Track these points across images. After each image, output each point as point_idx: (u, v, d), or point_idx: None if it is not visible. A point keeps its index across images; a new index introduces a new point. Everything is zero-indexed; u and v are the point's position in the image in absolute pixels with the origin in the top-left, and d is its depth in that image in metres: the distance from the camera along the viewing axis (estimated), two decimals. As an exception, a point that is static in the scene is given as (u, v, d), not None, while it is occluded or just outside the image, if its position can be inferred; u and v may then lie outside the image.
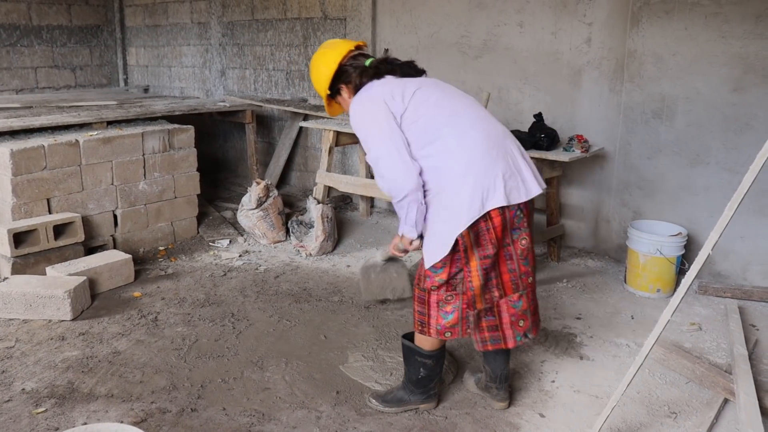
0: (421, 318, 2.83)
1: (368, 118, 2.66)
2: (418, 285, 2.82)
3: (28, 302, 3.94)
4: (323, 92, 2.90)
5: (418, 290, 2.82)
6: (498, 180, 2.57)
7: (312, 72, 2.92)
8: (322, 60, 2.86)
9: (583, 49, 4.91)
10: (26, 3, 8.24)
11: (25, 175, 4.54)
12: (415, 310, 2.85)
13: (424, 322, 2.82)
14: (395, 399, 3.04)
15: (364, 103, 2.70)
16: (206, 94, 8.06)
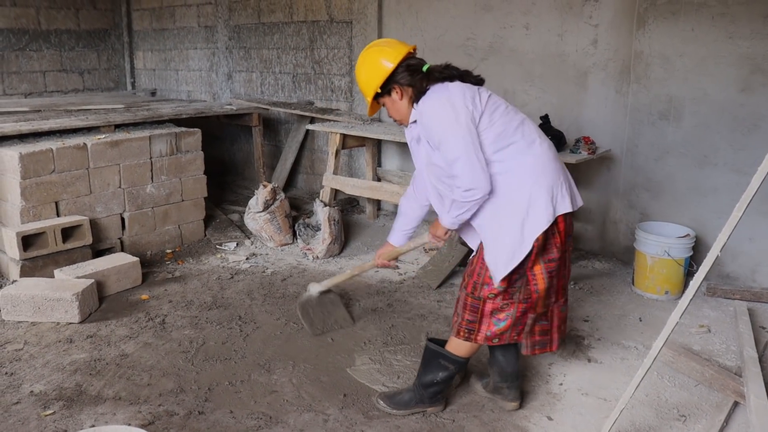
0: (471, 326, 2.84)
1: (448, 119, 2.63)
2: (472, 293, 2.81)
3: (36, 305, 3.96)
4: (373, 90, 2.82)
5: (471, 298, 2.81)
6: (564, 187, 2.70)
7: (365, 68, 2.83)
8: (380, 56, 2.80)
9: (589, 50, 4.90)
10: (35, 8, 8.29)
11: (33, 179, 4.56)
12: (464, 319, 2.84)
13: (473, 329, 2.84)
14: (403, 401, 3.04)
15: (444, 104, 2.66)
16: (213, 97, 8.08)
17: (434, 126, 2.67)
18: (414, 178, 3.14)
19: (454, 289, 4.52)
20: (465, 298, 2.84)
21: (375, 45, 2.89)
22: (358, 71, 2.88)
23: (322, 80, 6.76)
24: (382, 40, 2.94)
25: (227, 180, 7.67)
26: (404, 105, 2.83)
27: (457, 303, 2.92)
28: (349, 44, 6.40)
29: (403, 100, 2.82)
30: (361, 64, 2.86)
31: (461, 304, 2.87)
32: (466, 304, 2.83)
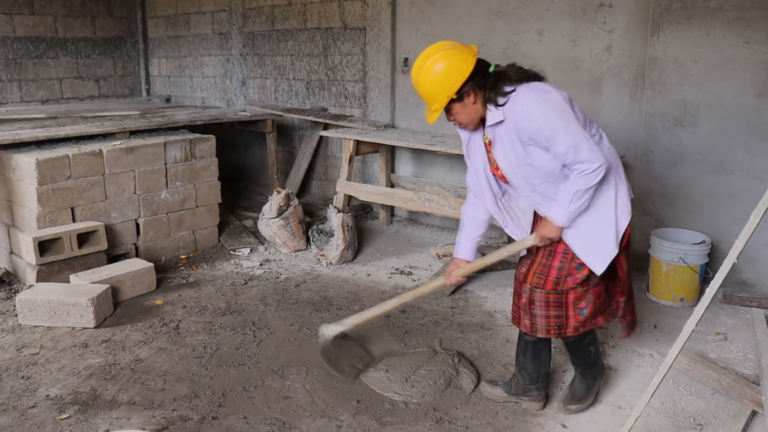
0: (559, 321, 2.91)
1: (554, 113, 2.63)
2: (554, 289, 2.87)
3: (52, 309, 3.99)
4: (448, 96, 2.69)
5: (554, 294, 2.87)
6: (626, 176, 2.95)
7: (438, 74, 2.68)
8: (454, 61, 2.69)
9: (603, 56, 4.89)
10: (52, 16, 8.38)
11: (50, 185, 4.60)
12: (551, 316, 2.90)
13: (562, 324, 2.92)
14: (587, 391, 3.13)
15: (544, 101, 2.65)
16: (227, 103, 8.13)
17: (542, 123, 2.62)
18: (473, 183, 3.02)
19: (467, 295, 4.51)
20: (545, 297, 2.88)
21: (443, 49, 2.72)
22: (426, 78, 2.71)
23: (336, 87, 6.79)
24: (445, 43, 2.76)
25: (241, 186, 7.70)
26: (476, 108, 2.76)
27: (530, 306, 2.92)
28: (363, 51, 6.42)
29: (476, 104, 2.75)
30: (430, 70, 2.70)
31: (541, 304, 2.89)
32: (549, 302, 2.88)
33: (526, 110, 2.64)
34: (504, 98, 2.69)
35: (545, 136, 2.62)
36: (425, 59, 2.72)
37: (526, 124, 2.64)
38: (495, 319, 4.11)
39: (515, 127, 2.68)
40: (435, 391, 3.23)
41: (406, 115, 6.25)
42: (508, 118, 2.69)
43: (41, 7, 8.25)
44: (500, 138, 2.77)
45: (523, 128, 2.66)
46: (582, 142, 2.60)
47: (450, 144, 5.18)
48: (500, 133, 2.76)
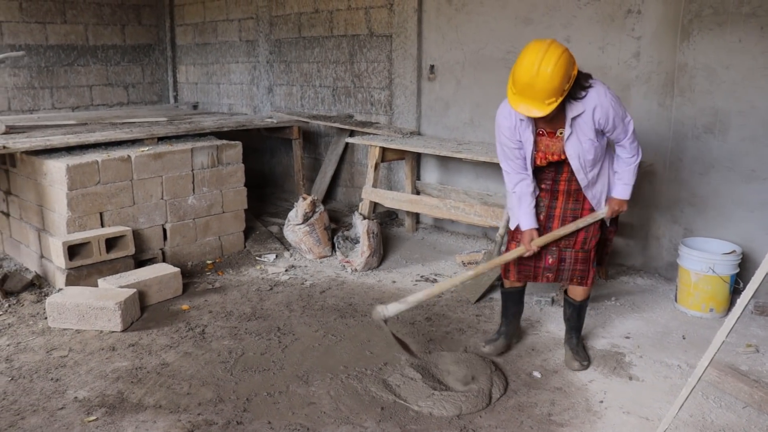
0: (583, 273, 3.54)
1: (621, 104, 3.26)
2: (582, 248, 3.47)
3: (81, 313, 4.03)
4: (566, 90, 3.04)
5: (582, 252, 3.48)
6: None
7: (560, 69, 2.97)
8: (569, 57, 3.03)
9: (631, 63, 4.85)
10: (83, 24, 8.52)
11: (79, 190, 4.66)
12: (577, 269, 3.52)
13: (585, 276, 3.55)
14: (585, 352, 3.69)
15: (614, 94, 3.22)
16: (254, 110, 8.19)
17: (618, 111, 3.20)
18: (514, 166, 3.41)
19: (493, 303, 4.48)
20: (575, 255, 3.49)
21: (559, 46, 3.02)
22: (555, 72, 2.96)
23: (362, 93, 6.80)
24: (553, 41, 3.05)
25: (267, 192, 7.75)
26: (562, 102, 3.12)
27: (559, 264, 3.52)
28: (389, 58, 6.43)
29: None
30: (560, 65, 2.96)
31: (571, 261, 3.50)
32: (578, 259, 3.49)
33: (611, 102, 3.17)
34: (583, 93, 3.14)
35: (615, 122, 3.20)
36: (554, 57, 2.97)
37: (611, 114, 3.17)
38: (520, 327, 4.08)
39: (596, 116, 3.16)
40: (459, 398, 3.21)
41: (431, 123, 6.25)
42: (587, 109, 3.15)
43: (73, 15, 8.40)
44: (579, 128, 3.20)
45: (606, 118, 3.17)
46: (631, 122, 3.30)
47: (476, 151, 5.16)
48: (579, 123, 3.19)
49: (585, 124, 3.19)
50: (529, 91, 3.02)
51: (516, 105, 3.09)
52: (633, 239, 5.08)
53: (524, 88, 3.03)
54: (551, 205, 3.48)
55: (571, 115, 3.18)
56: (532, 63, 2.98)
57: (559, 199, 3.47)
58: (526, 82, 3.00)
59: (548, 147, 3.33)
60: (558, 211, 3.48)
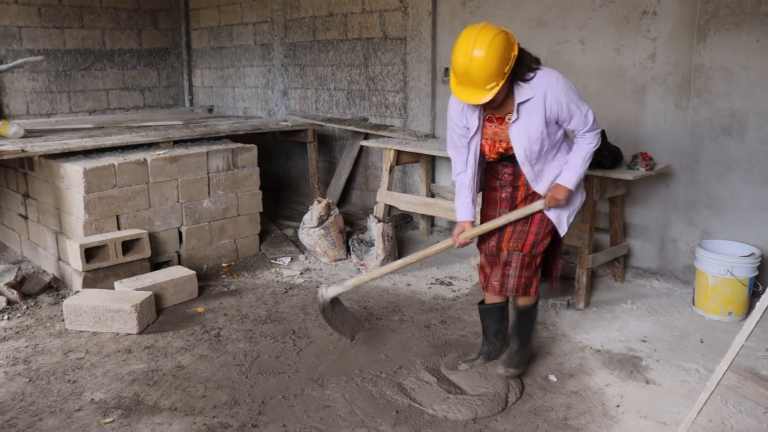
0: (528, 281, 3.34)
1: (575, 90, 3.10)
2: (530, 252, 3.29)
3: (97, 315, 4.06)
4: (506, 73, 2.93)
5: (529, 257, 3.29)
6: None
7: (496, 53, 2.86)
8: (507, 39, 2.92)
9: (647, 65, 4.82)
10: (101, 29, 8.59)
11: (96, 193, 4.70)
12: (522, 276, 3.31)
13: (530, 284, 3.35)
14: (524, 358, 3.48)
15: (567, 80, 3.10)
16: (269, 113, 8.22)
17: (571, 98, 3.05)
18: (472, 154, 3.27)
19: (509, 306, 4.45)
20: (522, 259, 3.28)
21: (494, 29, 2.91)
22: (489, 57, 2.85)
23: (377, 96, 6.81)
24: (488, 24, 2.96)
25: (282, 195, 7.77)
26: (507, 84, 3.02)
27: (504, 268, 3.31)
28: (404, 61, 6.43)
29: (508, 82, 3.01)
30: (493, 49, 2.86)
31: (516, 265, 3.29)
32: (524, 264, 3.29)
33: (563, 87, 3.04)
34: (531, 74, 3.02)
35: (570, 109, 3.06)
36: (485, 41, 2.87)
37: (562, 98, 3.03)
38: (536, 331, 4.06)
39: (548, 102, 3.03)
40: (475, 402, 3.19)
41: (446, 125, 6.23)
42: (537, 95, 3.02)
43: (90, 20, 8.48)
44: (526, 113, 3.06)
45: (557, 102, 3.03)
46: (590, 112, 3.13)
47: (491, 154, 5.14)
48: (527, 108, 3.05)
49: (534, 110, 3.04)
50: (467, 78, 2.93)
51: (458, 94, 3.02)
52: (649, 242, 5.04)
53: (462, 75, 2.95)
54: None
55: (518, 100, 3.05)
56: (464, 49, 2.89)
57: (518, 207, 3.32)
58: (462, 70, 2.92)
59: (496, 134, 3.19)
60: (518, 225, 3.30)
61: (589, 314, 4.34)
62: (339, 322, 3.74)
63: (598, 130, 3.17)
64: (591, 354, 3.77)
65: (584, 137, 3.16)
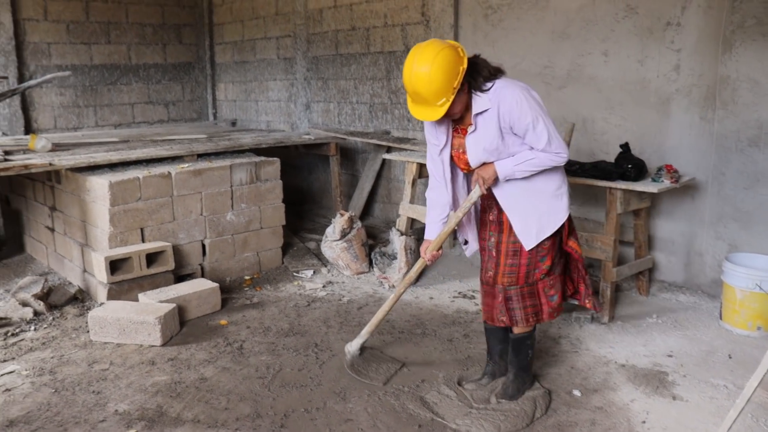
0: (535, 309, 3.23)
1: (537, 105, 2.97)
2: (527, 282, 3.19)
3: (121, 327, 4.09)
4: (454, 89, 2.87)
5: (528, 287, 3.20)
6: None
7: (441, 69, 2.83)
8: (452, 53, 2.86)
9: (671, 76, 4.78)
10: (126, 44, 8.73)
11: (121, 206, 4.75)
12: (528, 306, 3.21)
13: (538, 311, 3.24)
14: (520, 389, 3.35)
15: (526, 94, 2.96)
16: (291, 127, 8.26)
17: (527, 112, 2.92)
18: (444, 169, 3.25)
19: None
20: (520, 291, 3.19)
21: (438, 45, 2.87)
22: (435, 74, 2.82)
23: (399, 110, 6.82)
24: (434, 40, 2.93)
25: (305, 208, 7.80)
26: (466, 97, 2.99)
27: (507, 303, 3.21)
28: (425, 74, 6.43)
29: (465, 92, 2.98)
30: (438, 66, 2.82)
31: (518, 298, 3.20)
32: (524, 294, 3.20)
33: (517, 99, 2.91)
34: (489, 84, 2.97)
35: (526, 124, 2.93)
36: (428, 58, 2.84)
37: (515, 111, 2.92)
38: (560, 345, 4.03)
39: (501, 114, 2.95)
40: (498, 417, 3.16)
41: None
42: (493, 106, 2.95)
43: (117, 36, 8.61)
44: (482, 125, 3.02)
45: (509, 115, 2.93)
46: (554, 135, 2.98)
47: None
48: (483, 119, 3.00)
49: (490, 121, 2.98)
50: (417, 96, 2.93)
51: (414, 112, 3.01)
52: (674, 255, 4.98)
53: (412, 93, 2.95)
54: (499, 240, 3.22)
55: (475, 111, 3.00)
56: (409, 68, 2.89)
57: (504, 232, 3.20)
58: (411, 89, 2.92)
59: (461, 145, 3.15)
60: (503, 246, 3.20)
61: (614, 328, 4.29)
62: (372, 370, 3.66)
63: (556, 154, 2.99)
64: (616, 368, 3.72)
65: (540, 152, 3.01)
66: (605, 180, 4.35)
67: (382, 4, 6.82)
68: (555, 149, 2.98)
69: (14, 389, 3.54)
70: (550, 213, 3.13)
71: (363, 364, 3.70)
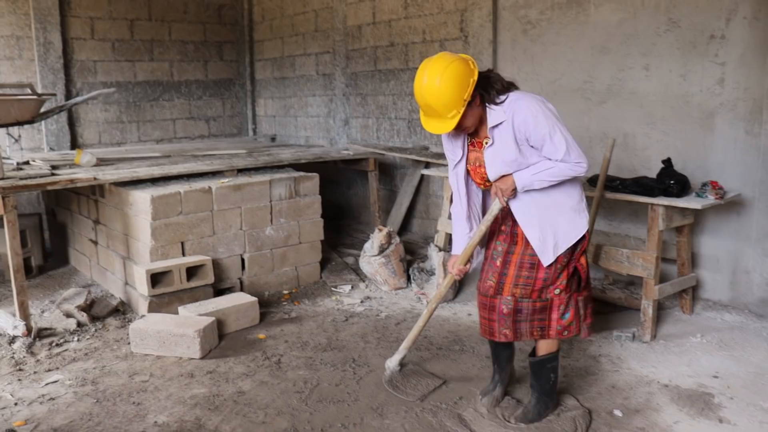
0: (542, 324, 3.19)
1: (554, 116, 2.96)
2: (540, 297, 3.15)
3: (161, 339, 4.14)
4: (466, 99, 2.89)
5: (540, 302, 3.15)
6: None
7: (451, 82, 2.86)
8: (462, 66, 2.89)
9: (715, 90, 4.69)
10: (169, 61, 8.90)
11: (162, 220, 4.82)
12: (535, 319, 3.18)
13: (545, 326, 3.20)
14: (537, 414, 3.28)
15: (541, 105, 2.96)
16: (330, 142, 8.32)
17: (543, 123, 2.91)
18: (459, 184, 3.27)
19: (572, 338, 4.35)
20: (532, 305, 3.15)
21: (448, 58, 2.90)
22: (445, 86, 2.85)
23: (437, 125, 6.81)
24: (444, 54, 2.96)
25: (343, 223, 7.82)
26: (479, 110, 3.01)
27: (515, 315, 3.17)
28: (464, 89, 6.42)
29: (479, 105, 2.99)
30: (447, 78, 2.85)
31: (528, 312, 3.16)
32: (535, 309, 3.16)
33: (532, 110, 2.92)
34: (503, 97, 2.98)
35: (542, 135, 2.92)
36: (437, 70, 2.87)
37: (530, 122, 2.91)
38: (600, 364, 3.95)
39: (516, 125, 2.94)
40: (538, 436, 3.12)
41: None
42: (508, 118, 2.95)
43: (160, 53, 8.79)
44: (499, 137, 3.01)
45: (525, 126, 2.93)
46: (573, 145, 2.96)
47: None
48: (500, 132, 3.00)
49: (506, 133, 2.98)
50: (429, 109, 2.94)
51: (426, 125, 3.02)
52: (719, 273, 4.87)
53: (424, 107, 2.97)
54: (509, 250, 3.19)
55: (491, 124, 3.01)
56: (419, 81, 2.92)
57: (518, 244, 3.17)
58: (422, 101, 2.94)
59: (477, 159, 3.15)
60: (515, 257, 3.17)
61: (656, 347, 4.20)
62: (410, 386, 3.63)
63: (576, 163, 2.96)
64: (658, 389, 3.64)
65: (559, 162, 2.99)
66: (647, 196, 4.28)
67: (420, 20, 6.85)
68: (574, 159, 2.95)
69: (58, 398, 3.61)
70: (568, 228, 3.10)
71: (401, 379, 3.69)
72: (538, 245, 3.08)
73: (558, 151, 2.93)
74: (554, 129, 2.92)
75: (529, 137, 2.95)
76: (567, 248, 3.09)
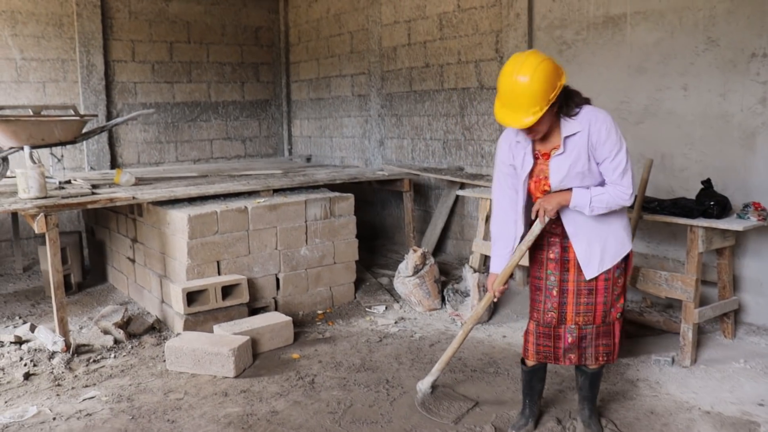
0: (608, 349, 3.22)
1: (622, 136, 3.01)
2: (603, 322, 3.17)
3: (196, 358, 4.17)
4: (550, 100, 2.89)
5: (604, 326, 3.17)
6: None
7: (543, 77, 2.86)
8: (554, 67, 2.92)
9: (756, 109, 4.61)
10: (206, 83, 9.06)
11: (199, 239, 4.87)
12: (600, 344, 3.20)
13: (610, 351, 3.23)
14: (598, 422, 3.36)
15: (616, 123, 3.02)
16: (365, 163, 8.35)
17: (614, 139, 2.96)
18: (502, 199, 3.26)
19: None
20: (596, 330, 3.17)
21: (542, 56, 2.93)
22: (536, 80, 2.85)
23: (473, 146, 6.81)
24: (532, 51, 3.01)
25: (377, 244, 7.82)
26: (553, 117, 3.00)
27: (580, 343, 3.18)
28: (499, 110, 6.41)
29: (554, 113, 2.99)
30: (540, 72, 2.86)
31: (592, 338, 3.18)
32: (599, 334, 3.18)
33: (608, 125, 2.96)
34: (578, 110, 3.00)
35: (609, 150, 2.96)
36: (532, 63, 2.88)
37: (603, 133, 2.94)
38: (638, 388, 3.87)
39: (590, 134, 2.96)
40: (574, 462, 3.06)
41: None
42: (584, 129, 2.97)
43: (197, 75, 8.95)
44: (572, 147, 3.00)
45: (598, 135, 2.95)
46: (629, 169, 3.00)
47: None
48: (573, 142, 3.00)
49: (581, 143, 2.98)
50: (512, 100, 2.92)
51: (500, 116, 2.98)
52: (763, 296, 4.75)
53: (507, 97, 2.94)
54: (563, 278, 3.17)
55: (565, 133, 3.00)
56: (511, 70, 2.91)
57: (570, 270, 3.15)
58: (507, 90, 2.93)
59: (542, 171, 3.11)
60: (571, 285, 3.15)
61: (696, 372, 4.10)
62: (443, 409, 3.61)
63: (624, 190, 2.98)
64: (699, 415, 3.54)
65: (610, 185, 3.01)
66: (686, 217, 4.20)
67: (455, 41, 6.86)
68: (625, 183, 2.98)
69: (94, 414, 3.65)
70: (616, 244, 3.11)
71: (434, 402, 3.65)
72: (583, 258, 3.09)
73: (615, 171, 2.97)
74: (621, 148, 2.97)
75: (597, 149, 2.97)
76: (613, 265, 3.10)
